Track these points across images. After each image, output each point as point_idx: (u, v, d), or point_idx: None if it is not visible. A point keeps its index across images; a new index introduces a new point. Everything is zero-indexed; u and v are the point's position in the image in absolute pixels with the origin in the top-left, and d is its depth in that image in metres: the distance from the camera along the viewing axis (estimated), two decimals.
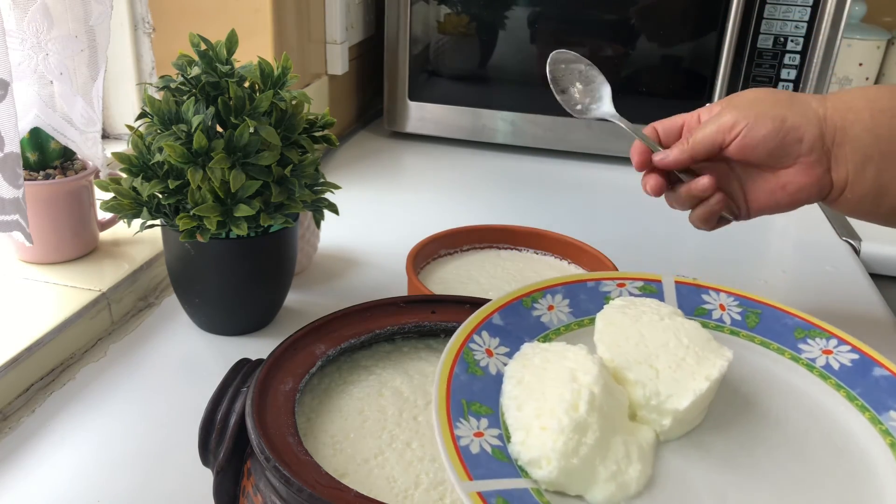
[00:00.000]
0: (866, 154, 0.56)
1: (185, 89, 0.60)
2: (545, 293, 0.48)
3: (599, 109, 0.67)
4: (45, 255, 0.70)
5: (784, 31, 0.99)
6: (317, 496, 0.35)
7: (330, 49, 1.07)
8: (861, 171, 0.57)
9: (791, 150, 0.57)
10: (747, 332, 0.50)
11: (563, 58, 0.68)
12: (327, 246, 0.82)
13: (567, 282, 0.49)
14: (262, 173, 0.58)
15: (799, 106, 0.57)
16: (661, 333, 0.44)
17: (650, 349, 0.43)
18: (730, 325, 0.50)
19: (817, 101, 0.58)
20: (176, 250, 0.63)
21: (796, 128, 0.56)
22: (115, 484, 0.51)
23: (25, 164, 0.68)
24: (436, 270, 0.69)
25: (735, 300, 0.51)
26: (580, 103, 0.67)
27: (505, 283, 0.67)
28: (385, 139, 1.18)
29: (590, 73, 0.69)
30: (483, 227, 0.73)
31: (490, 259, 0.71)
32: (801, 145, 0.56)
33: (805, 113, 0.57)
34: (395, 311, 0.49)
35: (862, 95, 0.57)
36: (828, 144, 0.57)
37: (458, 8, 1.09)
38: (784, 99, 0.58)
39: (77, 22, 0.65)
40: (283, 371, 0.43)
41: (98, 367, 0.63)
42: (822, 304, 0.78)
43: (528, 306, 0.47)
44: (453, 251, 0.72)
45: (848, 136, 0.56)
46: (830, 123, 0.56)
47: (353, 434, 0.42)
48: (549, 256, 0.72)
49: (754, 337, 0.50)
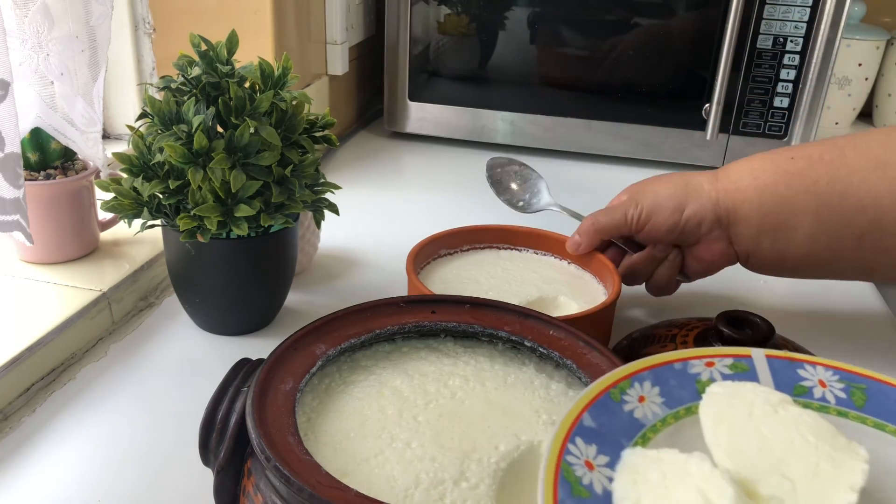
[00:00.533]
0: (758, 229, 0.62)
1: (185, 89, 0.60)
2: (632, 381, 0.43)
3: (541, 202, 0.75)
4: (45, 255, 0.70)
5: (784, 32, 0.99)
6: (317, 496, 0.35)
7: (330, 49, 1.08)
8: (757, 244, 0.63)
9: (693, 233, 0.63)
10: (857, 412, 0.45)
11: (497, 163, 0.76)
12: (327, 246, 0.82)
13: (652, 365, 0.45)
14: (263, 173, 0.59)
15: (694, 192, 0.63)
16: (782, 431, 0.38)
17: (777, 454, 0.37)
18: (835, 405, 0.45)
19: (709, 183, 0.63)
20: (176, 250, 0.63)
21: (695, 214, 0.63)
22: (116, 484, 0.51)
23: (26, 164, 0.68)
24: (436, 270, 0.69)
25: (834, 374, 0.46)
26: (522, 199, 0.75)
27: (505, 283, 0.67)
28: (385, 139, 1.19)
29: (524, 171, 0.76)
30: (482, 228, 0.73)
31: (489, 259, 0.71)
32: (701, 228, 0.63)
33: (699, 198, 0.63)
34: (395, 311, 0.49)
35: (748, 172, 0.62)
36: (724, 224, 0.63)
37: (458, 8, 1.09)
38: (681, 187, 0.63)
39: (78, 22, 0.65)
40: (283, 371, 0.43)
41: (99, 367, 0.63)
42: (822, 305, 0.78)
43: (617, 399, 0.42)
44: (453, 251, 0.72)
45: (739, 216, 0.62)
46: (722, 206, 0.62)
47: (353, 434, 0.42)
48: (548, 256, 0.72)
49: (866, 418, 0.44)
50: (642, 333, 0.65)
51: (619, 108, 1.08)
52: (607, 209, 0.67)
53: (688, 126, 1.06)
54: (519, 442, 0.42)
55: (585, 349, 0.46)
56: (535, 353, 0.48)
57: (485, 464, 0.40)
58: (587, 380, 0.45)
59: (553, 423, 0.43)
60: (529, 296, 0.65)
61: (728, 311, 0.60)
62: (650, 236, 0.65)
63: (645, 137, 1.08)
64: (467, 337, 0.50)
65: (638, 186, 0.67)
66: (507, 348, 0.50)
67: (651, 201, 0.64)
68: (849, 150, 0.59)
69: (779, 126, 1.04)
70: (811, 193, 0.59)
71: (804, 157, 0.61)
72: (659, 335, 0.63)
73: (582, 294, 0.66)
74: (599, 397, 0.41)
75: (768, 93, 1.03)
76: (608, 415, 0.40)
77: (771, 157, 0.62)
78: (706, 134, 1.04)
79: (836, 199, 0.59)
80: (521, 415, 0.44)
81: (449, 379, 0.46)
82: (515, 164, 0.76)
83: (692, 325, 0.63)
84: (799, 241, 0.61)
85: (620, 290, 0.64)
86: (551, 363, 0.48)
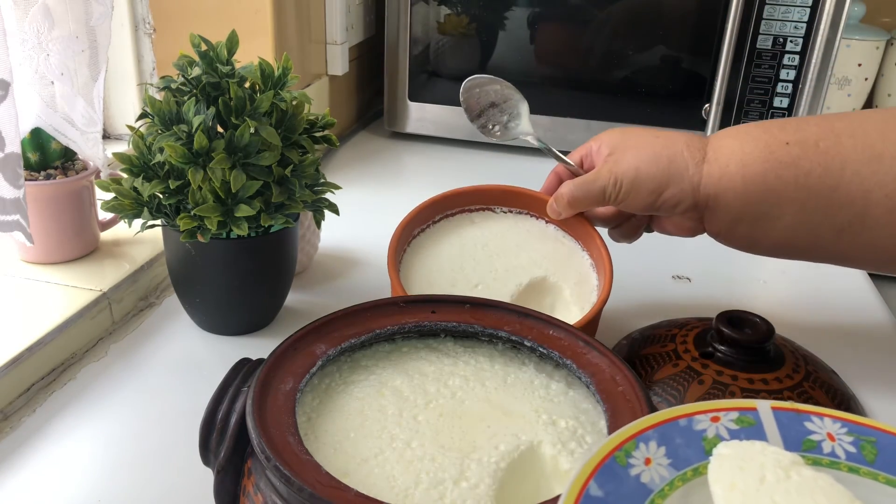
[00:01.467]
0: (736, 216, 0.60)
1: (185, 90, 0.60)
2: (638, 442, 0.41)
3: (518, 128, 0.67)
4: (46, 255, 0.70)
5: (783, 32, 0.99)
6: (317, 495, 0.35)
7: (330, 50, 1.08)
8: (731, 229, 0.61)
9: (667, 212, 0.62)
10: (868, 467, 0.43)
11: (476, 83, 0.67)
12: (328, 246, 0.82)
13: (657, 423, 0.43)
14: (263, 173, 0.59)
15: (677, 174, 0.60)
16: (797, 499, 0.37)
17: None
18: (846, 461, 0.44)
19: (694, 165, 0.60)
20: (176, 250, 0.63)
21: (672, 196, 0.60)
22: (116, 483, 0.51)
23: (26, 164, 0.68)
24: (416, 261, 0.66)
25: (843, 427, 0.45)
26: (497, 123, 0.66)
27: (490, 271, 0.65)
28: (385, 139, 1.19)
29: (505, 91, 0.67)
30: (451, 194, 0.68)
31: (466, 232, 0.67)
32: (676, 209, 0.61)
33: (681, 181, 0.60)
34: (395, 311, 0.49)
35: (738, 156, 0.59)
36: (700, 208, 0.61)
37: (458, 9, 1.09)
38: (664, 166, 0.60)
39: (78, 22, 0.65)
40: (283, 371, 0.43)
41: (99, 367, 0.63)
42: (821, 305, 0.78)
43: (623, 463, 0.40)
44: (426, 226, 0.68)
45: (720, 203, 0.59)
46: (703, 192, 0.59)
47: (353, 433, 0.42)
48: (525, 215, 0.69)
49: (877, 474, 0.43)
50: (642, 333, 0.66)
51: (619, 108, 1.08)
52: (584, 182, 0.63)
53: (688, 126, 1.06)
54: (519, 442, 0.42)
55: (585, 349, 0.47)
56: (534, 352, 0.48)
57: (485, 464, 0.40)
58: (587, 379, 0.45)
59: (553, 422, 0.44)
60: (520, 283, 0.64)
61: (728, 311, 0.60)
62: (623, 208, 0.63)
63: None
64: (467, 337, 0.50)
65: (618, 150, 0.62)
66: (506, 348, 0.50)
67: (631, 179, 0.60)
68: (845, 137, 0.57)
69: None
70: (801, 187, 0.57)
71: (799, 143, 0.58)
72: (659, 335, 0.63)
73: (569, 271, 0.65)
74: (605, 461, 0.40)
75: (768, 93, 1.03)
76: (615, 482, 0.39)
77: (765, 139, 0.59)
78: (706, 134, 1.03)
79: (826, 193, 0.57)
80: (521, 415, 0.44)
81: (449, 379, 0.47)
82: (497, 83, 0.66)
83: (692, 325, 0.63)
84: (777, 230, 0.59)
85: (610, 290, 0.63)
86: (551, 363, 0.49)
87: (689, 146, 0.60)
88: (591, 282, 0.65)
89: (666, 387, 0.58)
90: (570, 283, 0.65)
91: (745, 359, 0.58)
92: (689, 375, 0.58)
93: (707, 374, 0.58)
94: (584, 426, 0.44)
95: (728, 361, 0.58)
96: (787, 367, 0.59)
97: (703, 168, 0.60)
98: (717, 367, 0.58)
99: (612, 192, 0.61)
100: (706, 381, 0.57)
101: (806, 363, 0.60)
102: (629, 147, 0.62)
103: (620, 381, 0.44)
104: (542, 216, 0.68)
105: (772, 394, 0.56)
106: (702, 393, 0.57)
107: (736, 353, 0.58)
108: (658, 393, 0.58)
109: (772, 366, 0.58)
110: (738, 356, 0.58)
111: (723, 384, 0.57)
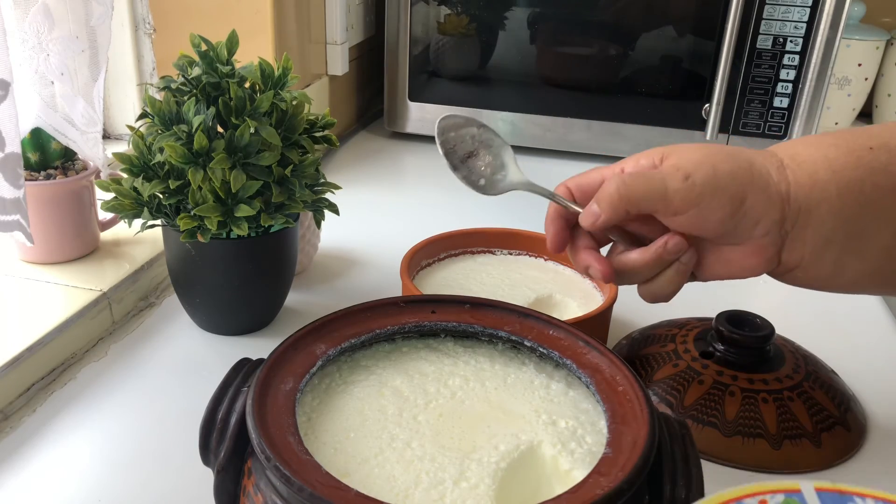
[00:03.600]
0: (829, 238, 0.48)
1: (185, 90, 0.60)
2: None
3: (506, 179, 0.55)
4: (46, 255, 0.70)
5: (783, 32, 0.99)
6: (317, 495, 0.35)
7: (330, 50, 1.08)
8: (820, 255, 0.48)
9: (743, 233, 0.48)
10: None
11: (450, 124, 0.55)
12: (328, 246, 0.82)
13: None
14: (263, 173, 0.59)
15: (760, 178, 0.47)
16: None
17: None
18: None
19: (777, 172, 0.48)
20: (177, 250, 0.63)
21: (754, 209, 0.47)
22: (116, 484, 0.51)
23: (26, 164, 0.68)
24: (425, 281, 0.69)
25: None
26: (482, 177, 0.55)
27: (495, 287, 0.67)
28: (385, 139, 1.19)
29: (484, 136, 0.56)
30: (456, 234, 0.72)
31: (470, 266, 0.71)
32: (756, 228, 0.48)
33: (766, 189, 0.47)
34: (395, 311, 0.49)
35: (823, 162, 0.48)
36: (787, 228, 0.48)
37: (458, 9, 1.09)
38: (744, 167, 0.48)
39: (78, 22, 0.65)
40: (283, 371, 0.43)
41: (99, 367, 0.63)
42: (821, 304, 0.78)
43: None
44: (432, 261, 0.71)
45: (811, 220, 0.48)
46: (794, 205, 0.47)
47: (353, 433, 0.42)
48: (524, 256, 0.72)
49: None
50: (642, 333, 0.66)
51: (619, 108, 1.08)
52: (639, 174, 0.49)
53: (688, 126, 1.06)
54: (519, 442, 0.42)
55: (585, 349, 0.46)
56: (534, 352, 0.48)
57: (485, 464, 0.40)
58: (587, 379, 0.45)
59: (553, 423, 0.44)
60: (526, 299, 0.65)
61: (728, 311, 0.60)
62: (687, 227, 0.48)
63: (645, 137, 1.08)
64: (467, 337, 0.50)
65: (682, 151, 0.49)
66: (507, 348, 0.50)
67: (707, 177, 0.47)
68: None
69: (778, 126, 1.04)
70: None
71: (883, 148, 0.48)
72: (659, 335, 0.63)
73: (573, 290, 0.67)
74: None
75: (768, 93, 1.03)
76: None
77: (845, 145, 0.48)
78: (706, 134, 1.04)
79: None
80: (521, 415, 0.44)
81: (449, 379, 0.47)
82: (473, 125, 0.56)
83: (692, 325, 0.63)
84: (871, 253, 0.48)
85: (618, 291, 0.64)
86: (551, 363, 0.48)
87: (755, 151, 0.50)
88: (596, 298, 0.67)
89: (666, 387, 0.58)
90: (576, 298, 0.66)
91: (746, 359, 0.58)
92: (689, 375, 0.58)
93: (707, 374, 0.58)
94: (584, 426, 0.44)
95: (728, 361, 0.58)
96: (787, 367, 0.59)
97: (788, 175, 0.48)
98: (717, 367, 0.58)
99: (680, 188, 0.47)
100: (706, 381, 0.57)
101: (806, 363, 0.60)
102: (685, 148, 0.50)
103: (620, 381, 0.44)
104: (541, 254, 0.71)
105: (772, 394, 0.56)
106: (702, 393, 0.57)
107: (736, 353, 0.58)
108: (658, 393, 0.58)
109: (772, 366, 0.59)
110: (738, 356, 0.58)
111: (723, 384, 0.57)
